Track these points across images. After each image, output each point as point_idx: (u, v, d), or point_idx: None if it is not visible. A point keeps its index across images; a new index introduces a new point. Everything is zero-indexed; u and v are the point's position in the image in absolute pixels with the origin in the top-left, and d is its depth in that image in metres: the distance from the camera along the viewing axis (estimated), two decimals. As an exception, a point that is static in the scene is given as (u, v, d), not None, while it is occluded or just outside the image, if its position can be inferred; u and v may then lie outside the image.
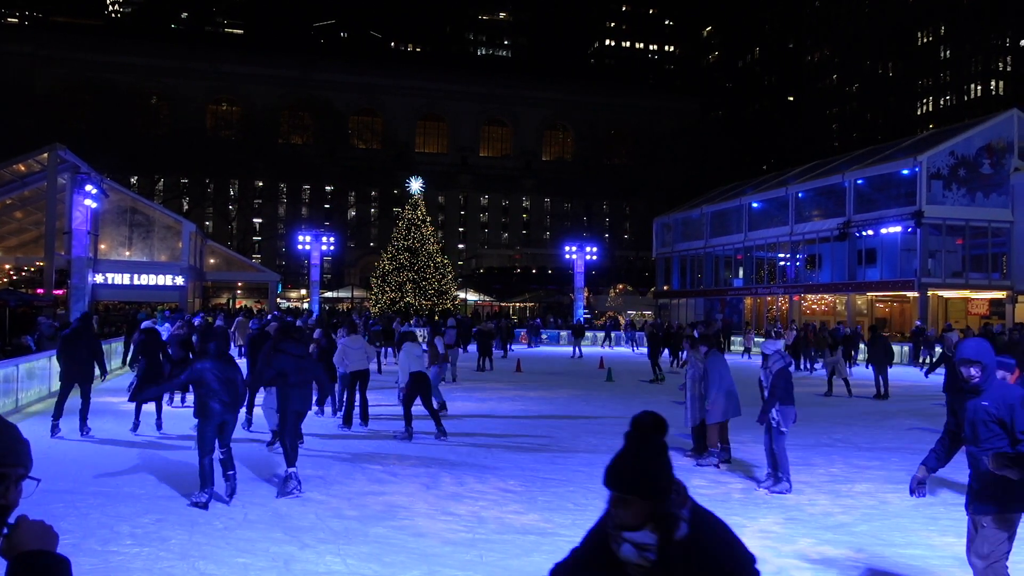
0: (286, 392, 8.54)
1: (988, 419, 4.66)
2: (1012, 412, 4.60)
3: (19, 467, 1.85)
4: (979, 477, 4.75)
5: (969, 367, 4.71)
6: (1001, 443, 4.66)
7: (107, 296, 41.56)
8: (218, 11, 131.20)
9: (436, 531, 7.01)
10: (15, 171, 35.45)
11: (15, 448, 1.86)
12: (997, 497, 4.66)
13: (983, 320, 39.12)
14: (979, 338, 5.01)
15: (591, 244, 49.30)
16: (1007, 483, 4.58)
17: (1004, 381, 4.83)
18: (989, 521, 4.70)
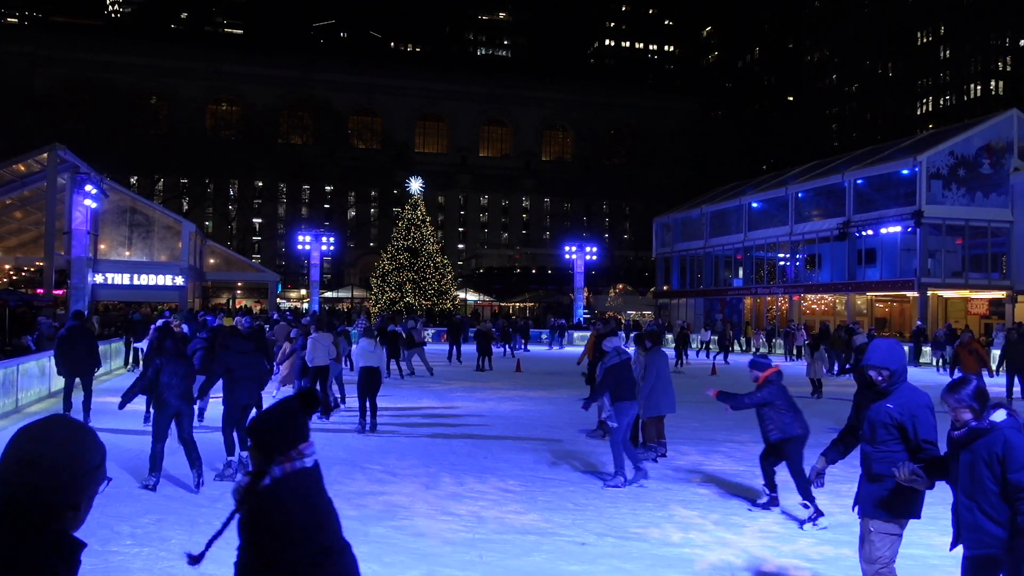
0: (232, 385, 9.14)
1: (889, 422, 4.63)
2: (915, 420, 4.57)
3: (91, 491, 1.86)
4: (871, 479, 4.71)
5: (877, 372, 4.68)
6: (897, 447, 4.64)
7: (107, 296, 41.55)
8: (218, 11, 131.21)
9: (436, 531, 7.01)
10: (15, 171, 35.44)
11: (84, 479, 1.83)
12: (887, 503, 4.64)
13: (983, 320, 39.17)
14: (890, 341, 4.97)
15: (591, 244, 49.31)
16: (897, 489, 4.56)
17: (912, 386, 4.76)
18: (878, 526, 4.68)
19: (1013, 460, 3.85)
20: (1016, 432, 3.93)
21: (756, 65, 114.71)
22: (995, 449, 3.90)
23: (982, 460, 3.97)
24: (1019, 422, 4.00)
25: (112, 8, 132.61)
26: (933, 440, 4.58)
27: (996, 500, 3.90)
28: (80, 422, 1.89)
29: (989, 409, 4.06)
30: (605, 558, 6.38)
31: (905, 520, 4.73)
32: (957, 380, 4.26)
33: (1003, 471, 3.87)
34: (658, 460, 10.31)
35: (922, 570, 6.27)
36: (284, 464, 2.95)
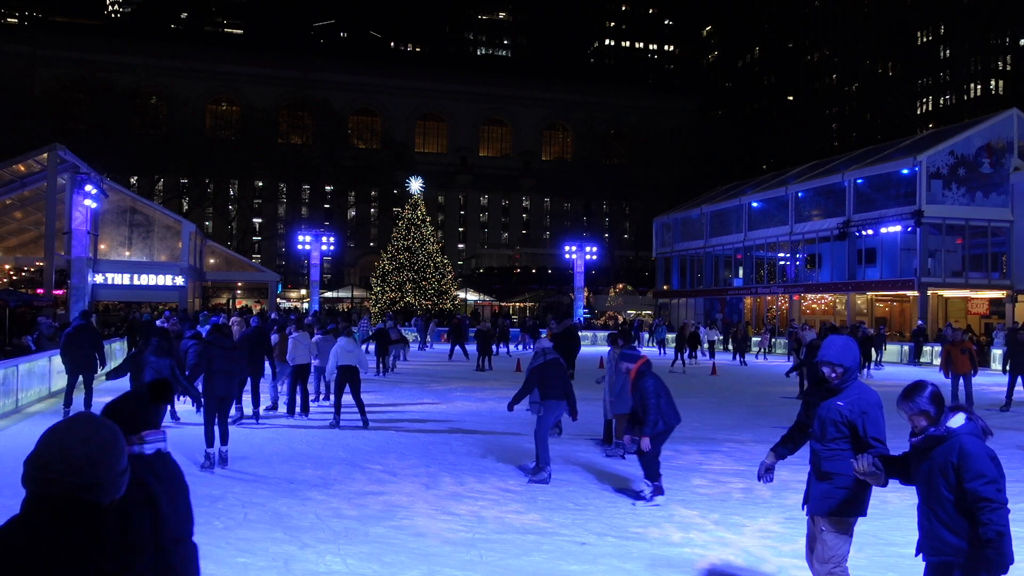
0: (209, 378, 9.61)
1: (839, 420, 4.60)
2: (865, 418, 4.54)
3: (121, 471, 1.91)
4: (820, 477, 4.66)
5: (831, 369, 4.64)
6: (847, 445, 4.61)
7: (107, 296, 41.53)
8: (217, 11, 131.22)
9: (436, 531, 7.01)
10: (15, 171, 35.42)
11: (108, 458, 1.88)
12: (838, 501, 4.60)
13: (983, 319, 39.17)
14: (844, 338, 4.90)
15: (591, 244, 49.28)
16: (852, 487, 4.53)
17: (862, 384, 4.72)
18: (829, 525, 4.63)
19: (968, 468, 3.79)
20: (974, 439, 3.86)
21: (756, 65, 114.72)
22: (950, 457, 3.84)
23: (938, 468, 3.91)
24: (979, 427, 3.94)
25: (112, 8, 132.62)
26: (882, 439, 4.55)
27: (952, 509, 3.83)
28: (109, 422, 1.92)
29: (947, 414, 3.99)
30: (605, 558, 6.38)
31: (855, 519, 4.68)
32: (912, 385, 4.18)
33: (958, 479, 3.81)
34: (626, 457, 10.41)
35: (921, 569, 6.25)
36: None
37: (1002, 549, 3.75)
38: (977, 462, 3.77)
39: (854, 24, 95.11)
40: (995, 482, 3.75)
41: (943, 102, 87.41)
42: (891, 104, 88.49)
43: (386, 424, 13.20)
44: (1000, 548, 3.74)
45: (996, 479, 3.76)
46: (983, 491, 3.71)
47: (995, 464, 3.82)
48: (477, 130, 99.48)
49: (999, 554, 3.74)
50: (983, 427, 3.96)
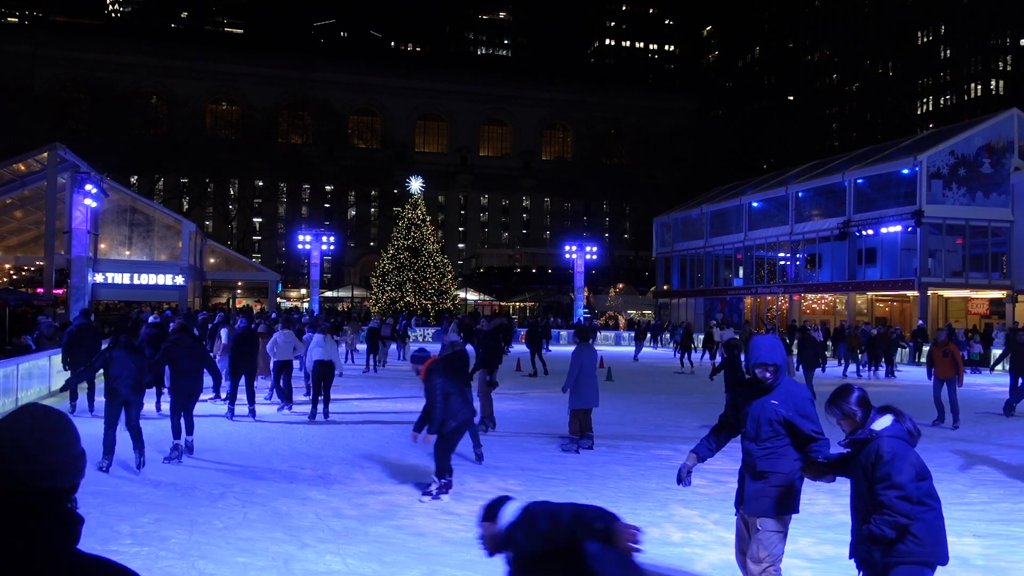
0: (178, 377, 9.99)
1: (775, 418, 4.59)
2: (800, 413, 4.54)
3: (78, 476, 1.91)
4: (755, 477, 4.65)
5: (764, 370, 4.63)
6: (781, 443, 4.60)
7: (107, 295, 41.55)
8: (218, 11, 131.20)
9: (436, 530, 7.01)
10: (15, 170, 35.44)
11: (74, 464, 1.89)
12: (773, 500, 4.57)
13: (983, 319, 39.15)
14: (771, 337, 4.91)
15: (591, 244, 49.27)
16: (786, 486, 4.52)
17: (792, 380, 4.72)
18: (764, 524, 4.60)
19: (878, 471, 3.80)
20: (897, 441, 3.85)
21: (756, 65, 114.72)
22: (870, 459, 3.86)
23: (862, 470, 3.92)
24: (906, 429, 3.92)
25: (112, 8, 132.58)
26: (821, 430, 4.54)
27: None
28: (62, 412, 1.93)
29: (874, 415, 3.99)
30: (605, 558, 6.37)
31: (789, 517, 4.66)
32: (840, 389, 4.20)
33: (871, 481, 3.83)
34: (580, 451, 10.74)
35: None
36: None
37: (898, 550, 3.78)
38: (887, 466, 3.77)
39: (854, 24, 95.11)
40: (900, 488, 3.72)
41: (943, 102, 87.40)
42: (891, 104, 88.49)
43: (386, 424, 13.21)
44: (887, 549, 3.78)
45: (902, 485, 3.73)
46: (884, 497, 3.74)
47: (913, 467, 3.80)
48: (477, 130, 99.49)
49: (879, 550, 3.79)
50: (910, 429, 3.94)
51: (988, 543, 6.97)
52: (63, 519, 1.78)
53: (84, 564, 1.74)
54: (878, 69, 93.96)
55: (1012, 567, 6.42)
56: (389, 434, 12.16)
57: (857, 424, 4.02)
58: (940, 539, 3.89)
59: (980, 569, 6.30)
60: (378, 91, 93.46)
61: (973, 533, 7.26)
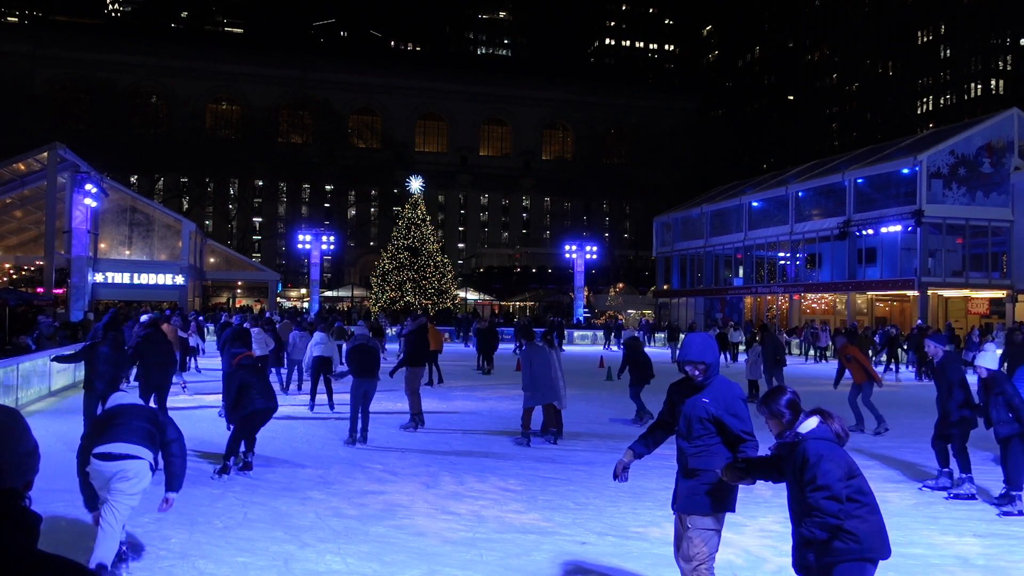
0: (145, 370, 10.82)
1: (705, 416, 4.58)
2: (731, 412, 4.53)
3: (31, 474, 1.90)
4: (687, 475, 4.64)
5: (694, 368, 4.62)
6: (712, 441, 4.59)
7: (107, 295, 41.56)
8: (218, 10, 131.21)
9: (436, 530, 7.01)
10: (15, 170, 35.44)
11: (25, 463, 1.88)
12: (704, 498, 4.56)
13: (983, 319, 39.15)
14: (703, 335, 4.91)
15: (591, 243, 49.31)
16: (716, 484, 4.50)
17: (724, 379, 4.72)
18: (696, 522, 4.58)
19: (805, 474, 3.81)
20: (823, 443, 3.85)
21: (756, 64, 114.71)
22: (797, 462, 3.87)
23: (791, 472, 3.93)
24: (833, 430, 3.92)
25: (112, 7, 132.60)
26: (751, 431, 4.53)
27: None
28: (11, 409, 1.91)
29: (802, 417, 3.99)
30: (606, 557, 6.38)
31: (722, 515, 4.63)
32: (770, 391, 4.19)
33: (800, 484, 3.84)
34: (531, 445, 11.19)
35: (922, 570, 6.27)
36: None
37: (834, 547, 3.79)
38: (813, 468, 3.77)
39: (854, 24, 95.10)
40: (826, 489, 3.73)
41: (943, 102, 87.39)
42: (891, 104, 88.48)
43: (386, 423, 13.20)
44: (821, 551, 3.79)
45: (829, 486, 3.74)
46: (812, 499, 3.75)
47: (840, 467, 3.80)
48: (477, 130, 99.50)
49: (815, 552, 3.80)
50: (838, 431, 3.94)
51: (988, 542, 6.97)
52: (16, 518, 1.75)
53: (43, 563, 1.72)
54: (878, 69, 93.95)
55: (1012, 567, 6.41)
56: (389, 434, 12.16)
57: (784, 426, 4.04)
58: (877, 534, 3.87)
59: (980, 569, 6.30)
60: (378, 91, 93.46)
61: (973, 532, 7.26)
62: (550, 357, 11.40)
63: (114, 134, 67.72)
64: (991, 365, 8.22)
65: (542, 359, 11.27)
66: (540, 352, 11.36)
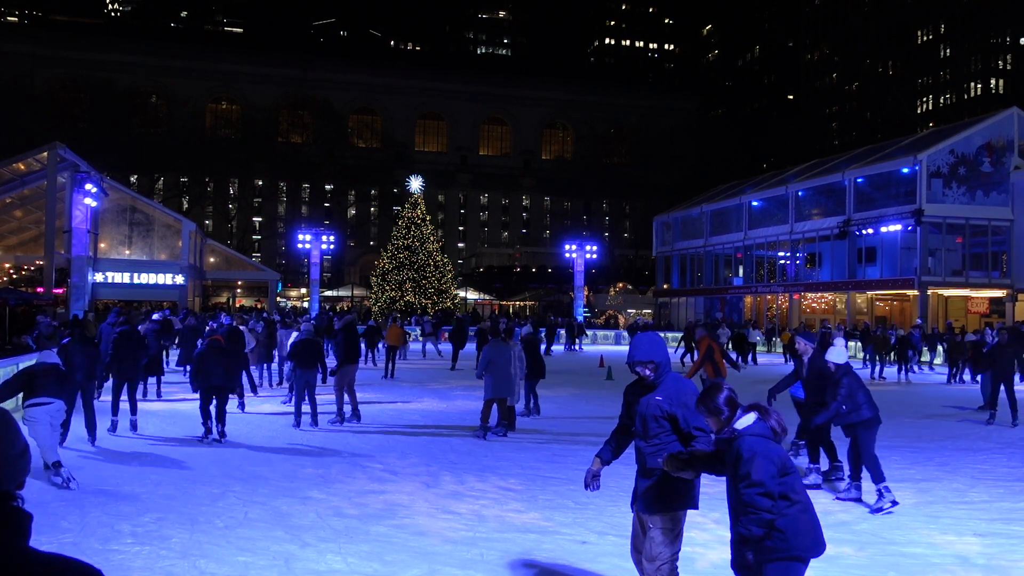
0: (119, 364, 11.85)
1: (660, 415, 4.58)
2: (685, 409, 4.53)
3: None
4: (645, 474, 4.64)
5: (644, 367, 4.63)
6: (669, 439, 4.57)
7: (107, 295, 41.57)
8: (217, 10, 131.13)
9: (437, 530, 7.01)
10: (15, 170, 35.43)
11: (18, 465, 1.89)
12: (664, 497, 4.55)
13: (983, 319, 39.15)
14: (650, 334, 4.89)
15: (591, 243, 49.25)
16: (673, 482, 4.48)
17: (677, 376, 4.72)
18: (657, 522, 4.58)
19: (740, 470, 3.82)
20: (759, 440, 3.86)
21: (756, 64, 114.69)
22: (733, 457, 3.88)
23: (729, 468, 3.93)
24: (769, 427, 3.93)
25: (112, 7, 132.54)
26: (703, 427, 4.50)
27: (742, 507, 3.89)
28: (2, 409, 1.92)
29: (739, 413, 4.01)
30: (606, 556, 6.38)
31: (682, 513, 4.63)
32: (708, 387, 4.22)
33: (736, 480, 3.85)
34: (488, 438, 11.71)
35: (922, 569, 6.27)
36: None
37: (765, 546, 3.80)
38: (747, 464, 3.78)
39: (854, 23, 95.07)
40: (760, 485, 3.74)
41: (943, 101, 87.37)
42: (891, 103, 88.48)
43: (386, 423, 13.21)
44: (754, 546, 3.80)
45: (762, 482, 3.74)
46: (746, 496, 3.76)
47: (774, 464, 3.81)
48: (477, 129, 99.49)
49: (752, 550, 3.82)
50: (774, 427, 3.95)
51: (989, 542, 6.97)
52: (7, 516, 1.76)
53: (36, 561, 1.73)
54: (878, 68, 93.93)
55: (1013, 566, 6.42)
56: (390, 433, 12.17)
57: (723, 423, 4.06)
58: (807, 532, 3.88)
59: (981, 568, 6.30)
60: (378, 90, 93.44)
61: (974, 532, 7.26)
62: (510, 354, 11.97)
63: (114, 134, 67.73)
64: (839, 359, 8.45)
65: (504, 356, 11.81)
66: (503, 349, 11.88)
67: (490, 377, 11.76)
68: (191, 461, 9.78)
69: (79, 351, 10.69)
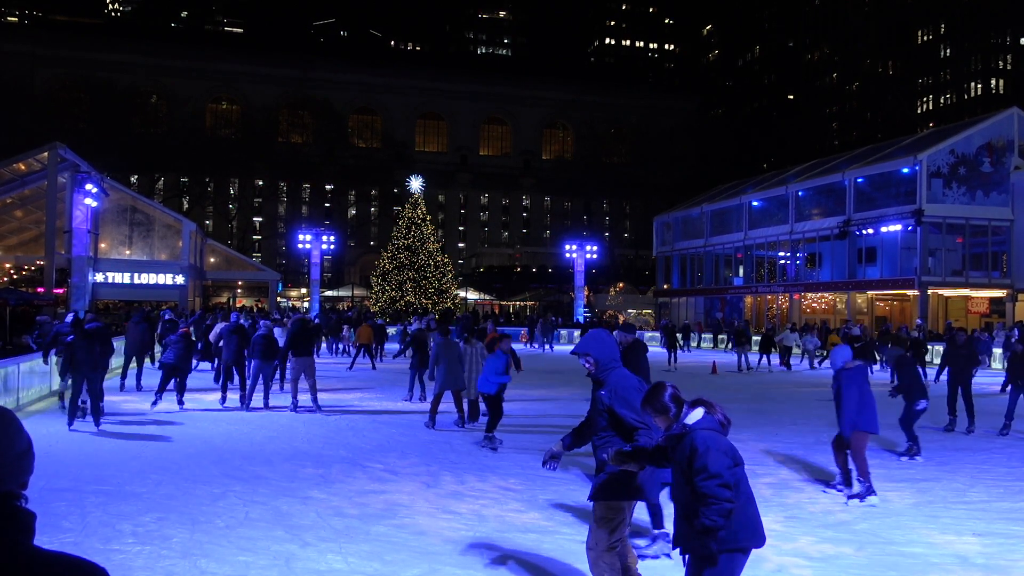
0: (78, 368, 12.28)
1: (603, 409, 4.70)
2: (624, 403, 4.59)
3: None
4: (598, 467, 4.77)
5: (582, 359, 4.78)
6: (614, 432, 4.68)
7: (107, 295, 41.58)
8: (218, 10, 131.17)
9: (437, 529, 7.02)
10: (15, 170, 35.45)
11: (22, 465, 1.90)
12: (608, 487, 4.65)
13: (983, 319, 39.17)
14: (598, 331, 5.00)
15: (591, 243, 49.28)
16: (619, 473, 4.56)
17: (624, 371, 4.80)
18: (598, 511, 4.67)
19: (693, 464, 3.84)
20: (709, 433, 3.89)
21: (756, 64, 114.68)
22: (685, 453, 3.91)
23: (678, 464, 3.97)
24: (717, 420, 3.97)
25: (112, 7, 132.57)
26: (643, 421, 4.55)
27: (692, 502, 3.92)
28: (2, 409, 1.93)
29: (687, 409, 4.05)
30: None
31: (624, 503, 4.69)
32: (650, 389, 4.27)
33: (690, 475, 3.88)
34: (434, 427, 12.38)
35: (922, 568, 6.27)
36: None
37: (719, 537, 3.85)
38: (702, 458, 3.82)
39: (854, 23, 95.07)
40: (718, 477, 3.78)
41: (943, 101, 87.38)
42: (891, 103, 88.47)
43: (387, 423, 13.22)
44: (716, 537, 3.84)
45: (719, 474, 3.79)
46: (705, 488, 3.79)
47: (727, 455, 3.85)
48: (477, 129, 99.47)
49: (715, 540, 3.85)
50: (721, 420, 4.00)
51: (988, 541, 6.98)
52: (9, 515, 1.76)
53: (41, 559, 1.73)
54: (878, 68, 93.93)
55: (1012, 565, 6.42)
56: (390, 433, 12.17)
57: (671, 420, 4.12)
58: (749, 523, 3.96)
59: (980, 568, 6.31)
60: (378, 90, 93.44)
61: (973, 532, 7.27)
62: (462, 352, 12.72)
63: (114, 134, 67.73)
64: None
65: (455, 354, 12.57)
66: (452, 347, 12.67)
67: (439, 372, 12.46)
68: (192, 461, 9.79)
69: (83, 347, 12.07)
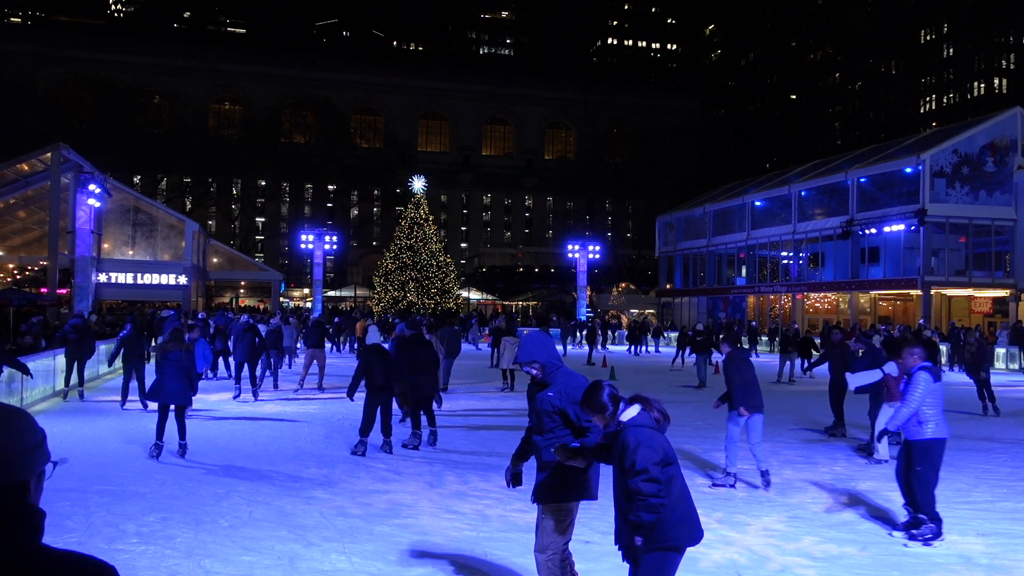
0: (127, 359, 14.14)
1: (552, 410, 4.71)
2: (575, 405, 4.60)
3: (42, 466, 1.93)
4: (541, 468, 4.75)
5: (530, 367, 4.78)
6: (563, 433, 4.68)
7: (110, 295, 41.63)
8: (220, 10, 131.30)
9: (440, 529, 7.03)
10: (18, 170, 35.51)
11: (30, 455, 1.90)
12: (554, 488, 4.65)
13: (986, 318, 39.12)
14: (534, 335, 5.03)
15: (593, 243, 49.25)
16: (563, 474, 4.57)
17: (569, 372, 4.83)
18: (546, 513, 4.67)
19: (625, 460, 3.88)
20: (643, 430, 3.92)
21: (758, 64, 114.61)
22: (619, 448, 3.96)
23: (615, 459, 4.01)
24: (653, 417, 4.00)
25: (115, 7, 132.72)
26: (592, 420, 4.58)
27: (625, 498, 3.96)
28: (13, 406, 1.93)
29: (623, 406, 4.09)
30: (609, 556, 6.38)
31: (574, 504, 4.71)
32: (590, 386, 4.31)
33: (623, 471, 3.91)
34: (406, 420, 12.16)
35: (925, 569, 6.28)
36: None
37: (652, 534, 3.88)
38: (633, 454, 3.86)
39: (857, 23, 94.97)
40: (645, 472, 3.82)
41: (946, 101, 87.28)
42: (894, 103, 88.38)
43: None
44: (646, 533, 3.88)
45: (647, 469, 3.82)
46: (632, 484, 3.84)
47: (657, 452, 3.88)
48: (479, 129, 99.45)
49: (645, 536, 3.89)
50: (657, 417, 4.03)
51: (992, 541, 6.98)
52: (20, 513, 1.76)
53: (51, 558, 1.73)
54: (881, 68, 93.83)
55: (1016, 565, 6.42)
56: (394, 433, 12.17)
57: (608, 418, 4.16)
58: (682, 522, 3.98)
59: (984, 568, 6.31)
60: (380, 90, 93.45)
61: (977, 532, 7.27)
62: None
63: (117, 134, 67.81)
64: None
65: (418, 353, 12.93)
66: (420, 348, 12.80)
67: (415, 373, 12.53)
68: (195, 461, 9.81)
69: (135, 340, 14.32)
